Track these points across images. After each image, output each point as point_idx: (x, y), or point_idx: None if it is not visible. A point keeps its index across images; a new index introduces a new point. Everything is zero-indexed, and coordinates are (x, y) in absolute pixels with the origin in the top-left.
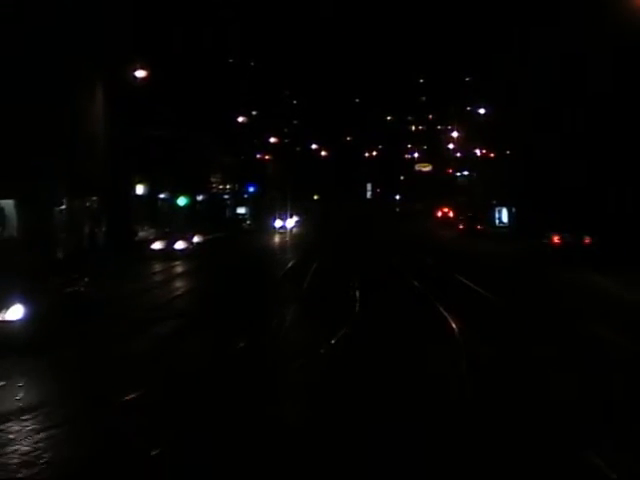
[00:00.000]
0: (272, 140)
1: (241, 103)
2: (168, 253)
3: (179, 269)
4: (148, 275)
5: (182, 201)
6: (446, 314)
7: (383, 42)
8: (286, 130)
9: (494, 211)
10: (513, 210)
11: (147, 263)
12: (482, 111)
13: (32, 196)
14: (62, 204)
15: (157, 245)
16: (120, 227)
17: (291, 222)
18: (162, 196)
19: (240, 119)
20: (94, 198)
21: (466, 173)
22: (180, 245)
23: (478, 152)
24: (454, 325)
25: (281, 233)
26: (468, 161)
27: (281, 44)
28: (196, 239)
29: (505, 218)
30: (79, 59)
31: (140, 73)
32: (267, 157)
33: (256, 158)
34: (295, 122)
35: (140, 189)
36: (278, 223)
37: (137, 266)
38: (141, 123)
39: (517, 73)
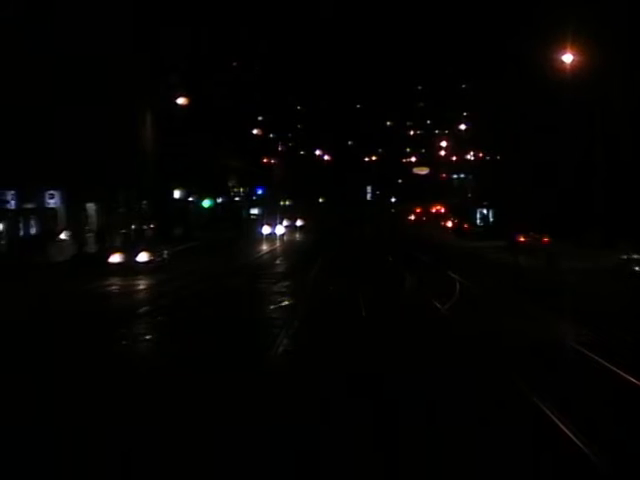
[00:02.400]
0: (280, 149)
1: (256, 116)
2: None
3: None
4: None
5: (207, 203)
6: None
7: (384, 51)
8: (290, 135)
9: (475, 212)
10: (491, 212)
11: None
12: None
13: (106, 200)
14: (121, 207)
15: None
16: (165, 224)
17: (281, 228)
18: (190, 199)
19: (255, 131)
20: (144, 202)
21: (462, 176)
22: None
23: (469, 156)
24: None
25: (270, 240)
26: (459, 165)
27: (285, 53)
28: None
29: (485, 218)
30: (135, 93)
31: (180, 100)
32: (273, 161)
33: (263, 162)
34: (299, 127)
35: (177, 193)
36: (266, 229)
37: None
38: (178, 140)
39: (506, 86)
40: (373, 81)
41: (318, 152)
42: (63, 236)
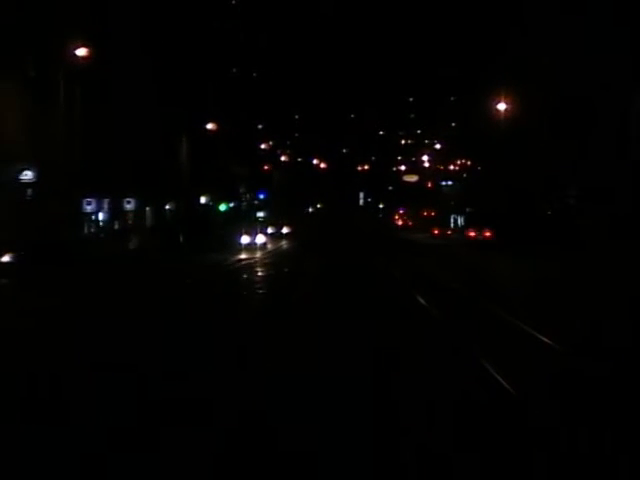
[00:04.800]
0: (283, 158)
1: (256, 124)
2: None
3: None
4: None
5: (222, 207)
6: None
7: (377, 64)
8: (288, 142)
9: (449, 216)
10: (461, 218)
11: None
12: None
13: (158, 203)
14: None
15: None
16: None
17: (262, 237)
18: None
19: (262, 146)
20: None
21: (450, 183)
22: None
23: (452, 166)
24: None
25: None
26: (442, 173)
27: (282, 64)
28: None
29: (457, 222)
30: (173, 118)
31: (209, 126)
32: (270, 167)
33: (264, 169)
34: (296, 135)
35: (203, 199)
36: (245, 239)
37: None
38: (205, 155)
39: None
40: (367, 93)
41: (315, 161)
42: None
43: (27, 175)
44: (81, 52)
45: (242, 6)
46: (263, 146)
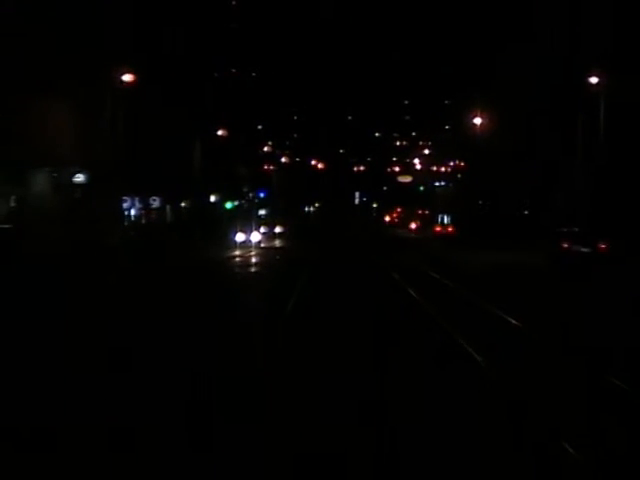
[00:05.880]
0: (284, 160)
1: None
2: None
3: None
4: None
5: (229, 205)
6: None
7: (374, 67)
8: (287, 143)
9: (437, 216)
10: (447, 217)
11: None
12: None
13: (176, 201)
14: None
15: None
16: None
17: (257, 235)
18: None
19: (265, 149)
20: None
21: (443, 183)
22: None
23: (442, 168)
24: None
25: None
26: (435, 174)
27: (282, 66)
28: None
29: (445, 220)
30: (189, 125)
31: (220, 132)
32: (272, 167)
33: (264, 169)
34: (295, 136)
35: (212, 198)
36: (240, 237)
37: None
38: (215, 158)
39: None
40: (364, 96)
41: (313, 162)
42: None
43: (79, 178)
44: (125, 77)
45: (240, 8)
46: (266, 149)
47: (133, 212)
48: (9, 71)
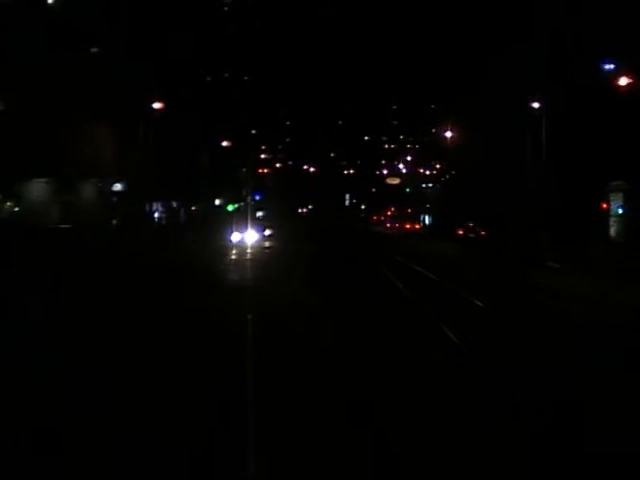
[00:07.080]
0: (278, 165)
1: (256, 137)
2: None
3: None
4: None
5: (230, 207)
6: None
7: (362, 73)
8: (280, 147)
9: (419, 216)
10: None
11: None
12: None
13: (187, 205)
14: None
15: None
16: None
17: (252, 235)
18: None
19: (263, 156)
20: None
21: (430, 185)
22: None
23: (428, 171)
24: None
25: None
26: (421, 176)
27: (274, 72)
28: None
29: (425, 221)
30: (198, 138)
31: (224, 143)
32: (266, 171)
33: (259, 172)
34: (287, 140)
35: (217, 201)
36: (236, 237)
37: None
38: (218, 164)
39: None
40: (353, 101)
41: (305, 167)
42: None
43: (117, 186)
44: (155, 105)
45: (230, 15)
46: (263, 156)
47: (156, 215)
48: (61, 103)
